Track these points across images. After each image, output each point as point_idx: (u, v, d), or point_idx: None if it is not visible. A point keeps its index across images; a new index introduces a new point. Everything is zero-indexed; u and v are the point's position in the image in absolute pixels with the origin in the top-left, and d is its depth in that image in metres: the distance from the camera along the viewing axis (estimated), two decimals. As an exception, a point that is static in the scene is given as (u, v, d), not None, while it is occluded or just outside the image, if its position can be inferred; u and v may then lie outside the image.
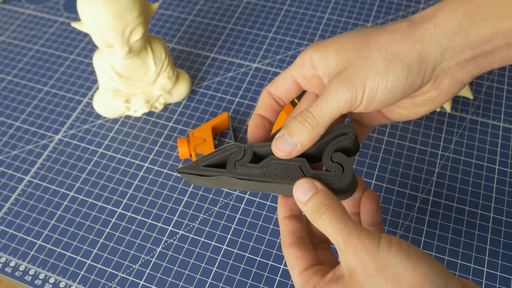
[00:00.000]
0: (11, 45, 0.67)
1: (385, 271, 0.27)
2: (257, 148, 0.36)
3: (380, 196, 0.51)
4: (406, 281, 0.27)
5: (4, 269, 0.48)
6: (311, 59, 0.35)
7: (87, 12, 0.48)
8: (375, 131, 0.56)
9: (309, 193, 0.32)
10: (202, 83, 0.61)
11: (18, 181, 0.54)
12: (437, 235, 0.48)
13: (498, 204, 0.50)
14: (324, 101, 0.33)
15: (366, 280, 0.28)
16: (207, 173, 0.36)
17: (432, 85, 0.33)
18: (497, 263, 0.46)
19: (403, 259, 0.27)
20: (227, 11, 0.70)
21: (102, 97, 0.57)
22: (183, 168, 0.37)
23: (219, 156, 0.37)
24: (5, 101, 0.61)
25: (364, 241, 0.28)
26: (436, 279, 0.27)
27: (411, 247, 0.28)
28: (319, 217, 0.30)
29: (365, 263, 0.28)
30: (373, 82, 0.32)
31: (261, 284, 0.46)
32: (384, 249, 0.28)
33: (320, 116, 0.33)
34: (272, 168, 0.35)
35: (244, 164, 0.36)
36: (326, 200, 0.31)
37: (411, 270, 0.27)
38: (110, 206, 0.51)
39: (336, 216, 0.30)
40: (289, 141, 0.34)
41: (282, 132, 0.34)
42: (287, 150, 0.34)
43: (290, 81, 0.37)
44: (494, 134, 0.55)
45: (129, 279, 0.47)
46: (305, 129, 0.33)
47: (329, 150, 0.35)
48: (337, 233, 0.29)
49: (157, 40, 0.56)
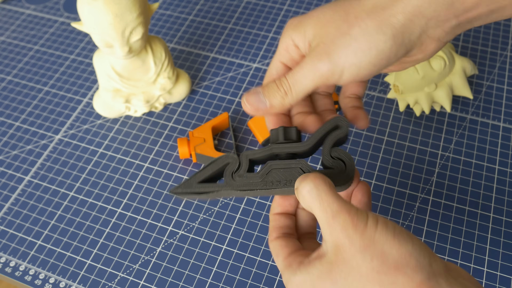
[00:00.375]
0: (11, 45, 0.67)
1: (371, 248, 0.27)
2: (252, 156, 0.35)
3: (380, 196, 0.51)
4: (392, 259, 0.27)
5: (4, 269, 0.48)
6: (292, 40, 0.35)
7: (87, 12, 0.48)
8: (375, 131, 0.56)
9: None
10: (202, 83, 0.61)
11: (18, 181, 0.54)
12: (437, 235, 0.48)
13: (498, 204, 0.50)
14: (299, 71, 0.33)
15: (351, 256, 0.28)
16: (205, 190, 0.35)
17: (418, 50, 0.33)
18: (497, 263, 0.46)
19: (388, 238, 0.28)
20: (227, 11, 0.70)
21: (102, 97, 0.57)
22: (177, 188, 0.35)
23: (213, 170, 0.35)
24: (5, 101, 0.61)
25: (353, 218, 0.28)
26: (420, 257, 0.27)
27: (396, 226, 0.29)
28: (309, 189, 0.30)
29: (352, 239, 0.28)
30: (355, 58, 0.32)
31: (261, 284, 0.46)
32: (371, 227, 0.28)
33: (294, 85, 0.34)
34: (272, 175, 0.34)
35: (242, 175, 0.35)
36: (319, 174, 0.31)
37: (397, 248, 0.27)
38: (110, 206, 0.51)
39: (327, 190, 0.30)
40: (261, 99, 0.35)
41: (259, 89, 0.35)
42: (255, 105, 0.35)
43: (282, 69, 0.37)
44: (494, 134, 0.55)
45: (129, 279, 0.47)
46: (279, 93, 0.34)
47: (328, 147, 0.34)
48: (326, 206, 0.29)
49: (157, 40, 0.56)
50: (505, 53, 0.63)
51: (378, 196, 0.51)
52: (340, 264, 0.28)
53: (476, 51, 0.63)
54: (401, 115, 0.57)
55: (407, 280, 0.27)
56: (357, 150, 0.54)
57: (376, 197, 0.51)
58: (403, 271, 0.27)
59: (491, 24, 0.66)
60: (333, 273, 0.28)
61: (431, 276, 0.27)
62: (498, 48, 0.63)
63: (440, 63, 0.52)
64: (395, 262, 0.27)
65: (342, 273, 0.28)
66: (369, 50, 0.31)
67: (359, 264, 0.28)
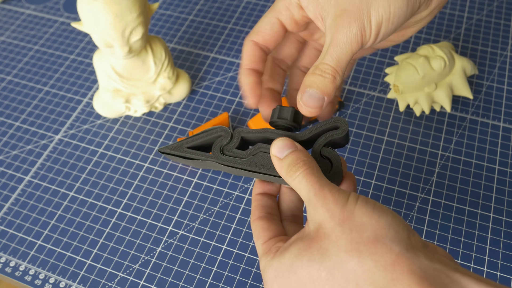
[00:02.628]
0: (11, 45, 0.67)
1: (350, 220, 0.28)
2: (245, 134, 0.35)
3: (380, 196, 0.51)
4: (371, 229, 0.27)
5: (4, 269, 0.48)
6: (299, 0, 0.34)
7: (87, 12, 0.48)
8: (375, 131, 0.56)
9: (288, 150, 0.32)
10: (202, 83, 0.61)
11: (18, 181, 0.54)
12: (437, 235, 0.48)
13: (498, 204, 0.50)
14: (337, 49, 0.32)
15: (331, 230, 0.28)
16: (191, 156, 0.35)
17: (425, 5, 0.33)
18: (497, 263, 0.46)
19: (368, 210, 0.28)
20: (227, 11, 0.70)
21: (102, 97, 0.57)
22: (166, 148, 0.35)
23: (204, 139, 0.35)
24: (5, 101, 0.61)
25: (334, 194, 0.29)
26: (399, 229, 0.27)
27: (377, 203, 0.29)
28: (294, 172, 0.31)
29: (332, 213, 0.28)
30: (378, 16, 0.32)
31: (261, 284, 0.46)
32: (351, 202, 0.28)
33: (338, 65, 0.32)
34: (259, 157, 0.34)
35: (231, 149, 0.34)
36: (304, 157, 0.31)
37: (376, 220, 0.28)
38: (110, 206, 0.51)
39: (311, 171, 0.30)
40: (316, 96, 0.33)
41: (304, 89, 0.33)
42: (317, 105, 0.33)
43: (278, 27, 0.36)
44: (494, 134, 0.55)
45: (129, 279, 0.47)
46: (328, 80, 0.32)
47: (319, 144, 0.34)
48: (310, 186, 0.29)
49: (157, 40, 0.56)
50: (505, 53, 0.63)
51: (378, 196, 0.51)
52: (320, 240, 0.28)
53: (476, 51, 0.63)
54: (401, 115, 0.57)
55: (385, 251, 0.26)
56: (357, 150, 0.54)
57: (376, 197, 0.51)
58: (382, 241, 0.27)
59: (491, 24, 0.66)
60: (311, 249, 0.28)
61: (409, 248, 0.27)
62: (498, 48, 0.63)
63: (440, 63, 0.52)
64: (374, 233, 0.27)
65: (321, 248, 0.28)
66: (389, 7, 0.31)
67: (338, 237, 0.27)
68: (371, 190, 0.51)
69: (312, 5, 0.33)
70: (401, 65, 0.54)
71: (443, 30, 0.65)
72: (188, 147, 0.35)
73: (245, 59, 0.36)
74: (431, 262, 0.26)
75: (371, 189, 0.51)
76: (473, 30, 0.65)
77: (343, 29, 0.32)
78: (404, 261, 0.26)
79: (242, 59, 0.37)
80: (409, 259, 0.26)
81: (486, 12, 0.67)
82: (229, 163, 0.34)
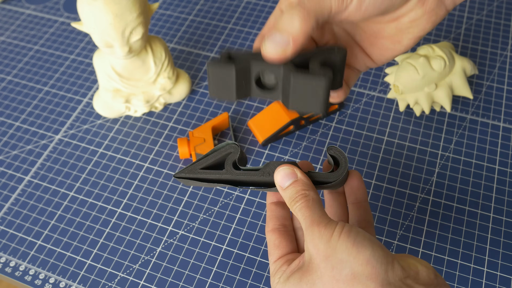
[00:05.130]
0: (11, 45, 0.67)
1: (332, 257, 0.29)
2: (233, 52, 0.32)
3: (380, 196, 0.51)
4: (349, 267, 0.29)
5: (4, 269, 0.48)
6: None
7: (87, 12, 0.48)
8: (375, 131, 0.56)
9: (289, 180, 0.33)
10: (202, 83, 0.61)
11: (18, 181, 0.54)
12: (437, 235, 0.48)
13: (498, 204, 0.50)
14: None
15: (317, 265, 0.30)
16: (206, 176, 0.36)
17: (418, 1, 0.32)
18: (497, 263, 0.46)
19: (348, 246, 0.29)
20: (227, 11, 0.70)
21: (102, 97, 0.57)
22: (181, 173, 0.36)
23: (215, 158, 0.36)
24: (5, 101, 0.61)
25: (321, 229, 0.30)
26: (377, 264, 0.29)
27: (360, 233, 0.30)
28: (294, 204, 0.32)
29: (318, 249, 0.30)
30: None
31: (261, 284, 0.46)
32: (335, 236, 0.30)
33: (310, 5, 0.29)
34: (270, 166, 0.35)
35: (218, 64, 0.32)
36: (302, 190, 0.33)
37: (354, 256, 0.29)
38: (110, 206, 0.51)
39: (307, 205, 0.32)
40: (278, 39, 0.29)
41: (270, 31, 0.30)
42: (279, 49, 0.29)
43: None
44: (494, 134, 0.55)
45: (129, 279, 0.47)
46: (295, 20, 0.28)
47: (317, 56, 0.31)
48: (303, 220, 0.31)
49: (157, 40, 0.56)
50: (505, 53, 0.63)
51: (378, 196, 0.51)
52: (309, 274, 0.30)
53: (476, 51, 0.63)
54: (401, 115, 0.57)
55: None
56: (357, 150, 0.54)
57: (376, 197, 0.51)
58: (358, 279, 0.29)
59: (491, 24, 0.66)
60: (302, 282, 0.31)
61: (384, 284, 0.29)
62: (498, 48, 0.63)
63: (440, 63, 0.52)
64: (352, 270, 0.29)
65: (309, 282, 0.30)
66: None
67: (323, 273, 0.30)
68: (371, 190, 0.51)
69: None
70: (401, 65, 0.54)
71: (443, 30, 0.65)
72: (201, 168, 0.37)
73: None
74: None
75: (371, 189, 0.51)
76: (473, 30, 0.65)
77: None
78: None
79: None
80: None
81: (486, 12, 0.67)
82: (243, 176, 0.35)
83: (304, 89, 0.30)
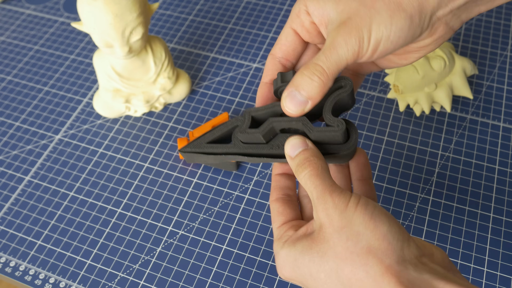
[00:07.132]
0: (11, 45, 0.67)
1: (347, 228, 0.29)
2: (254, 113, 0.34)
3: (380, 196, 0.51)
4: (365, 240, 0.28)
5: (4, 269, 0.48)
6: (306, 6, 0.34)
7: (87, 12, 0.48)
8: (375, 131, 0.56)
9: (299, 149, 0.33)
10: (202, 83, 0.61)
11: (18, 181, 0.54)
12: (437, 235, 0.48)
13: (498, 204, 0.50)
14: (333, 52, 0.31)
15: (330, 235, 0.29)
16: (213, 150, 0.35)
17: (428, 33, 0.33)
18: (497, 263, 0.46)
19: (365, 219, 0.29)
20: (227, 11, 0.70)
21: (102, 97, 0.57)
22: (187, 147, 0.35)
23: (222, 131, 0.35)
24: (5, 101, 0.61)
25: (334, 198, 0.30)
26: (393, 240, 0.28)
27: (377, 207, 0.29)
28: (301, 171, 0.32)
29: (332, 219, 0.29)
30: (378, 32, 0.31)
31: (261, 284, 0.46)
32: (351, 207, 0.29)
33: (330, 68, 0.31)
34: (279, 138, 0.34)
35: (244, 130, 0.34)
36: (311, 157, 0.32)
37: (372, 230, 0.28)
38: (110, 206, 0.51)
39: (316, 172, 0.31)
40: (298, 98, 0.32)
41: (290, 89, 0.32)
42: (298, 108, 0.32)
43: (292, 36, 0.36)
44: (494, 134, 0.55)
45: (129, 279, 0.47)
46: (315, 83, 0.31)
47: (329, 104, 0.33)
48: (313, 188, 0.31)
49: (157, 40, 0.56)
50: (505, 53, 0.63)
51: (378, 196, 0.51)
52: (319, 243, 0.30)
53: (476, 51, 0.63)
54: (401, 115, 0.57)
55: (376, 262, 0.28)
56: (357, 150, 0.54)
57: (376, 197, 0.51)
58: (374, 253, 0.28)
59: (491, 24, 0.66)
60: (312, 250, 0.30)
61: (400, 261, 0.28)
62: (498, 48, 0.63)
63: (440, 63, 0.52)
64: (368, 243, 0.28)
65: (320, 251, 0.29)
66: (390, 25, 0.31)
67: (335, 244, 0.29)
68: (371, 190, 0.51)
69: (318, 11, 0.33)
70: (401, 65, 0.54)
71: (443, 30, 0.65)
72: (207, 143, 0.36)
73: (264, 73, 0.37)
74: (419, 274, 0.28)
75: (371, 189, 0.51)
76: (473, 30, 0.65)
77: (343, 35, 0.32)
78: (393, 273, 0.27)
79: (263, 72, 0.37)
80: (398, 272, 0.28)
81: (486, 12, 0.67)
82: (251, 150, 0.34)
83: (322, 139, 0.33)
